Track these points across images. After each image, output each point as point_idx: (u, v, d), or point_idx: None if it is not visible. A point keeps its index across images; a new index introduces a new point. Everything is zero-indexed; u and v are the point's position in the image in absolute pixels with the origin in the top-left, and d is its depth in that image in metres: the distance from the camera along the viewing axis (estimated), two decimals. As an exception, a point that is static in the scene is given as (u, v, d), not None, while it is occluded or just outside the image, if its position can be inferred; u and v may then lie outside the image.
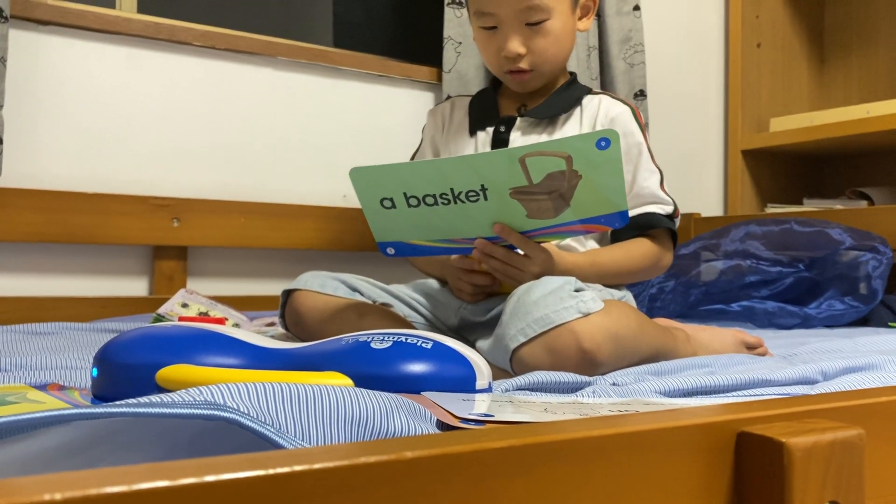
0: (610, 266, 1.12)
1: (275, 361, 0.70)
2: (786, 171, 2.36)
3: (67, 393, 0.70)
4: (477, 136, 1.24)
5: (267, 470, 0.30)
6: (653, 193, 1.16)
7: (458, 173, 0.90)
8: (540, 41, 1.16)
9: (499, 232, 0.96)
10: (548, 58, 1.18)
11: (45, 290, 1.45)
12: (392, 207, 0.94)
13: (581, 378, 0.79)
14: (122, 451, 0.47)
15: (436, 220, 0.95)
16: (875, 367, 0.87)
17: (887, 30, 2.30)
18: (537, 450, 0.37)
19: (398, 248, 1.01)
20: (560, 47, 1.18)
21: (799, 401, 0.49)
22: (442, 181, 0.91)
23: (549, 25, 1.15)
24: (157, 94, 1.57)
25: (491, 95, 1.28)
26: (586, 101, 1.22)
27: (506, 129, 1.21)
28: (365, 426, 0.50)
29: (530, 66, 1.17)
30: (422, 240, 0.99)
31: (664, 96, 2.18)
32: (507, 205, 0.93)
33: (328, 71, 1.74)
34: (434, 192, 0.92)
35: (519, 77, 1.19)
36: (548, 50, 1.17)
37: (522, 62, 1.17)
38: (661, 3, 2.19)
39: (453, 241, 1.00)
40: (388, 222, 0.97)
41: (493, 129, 1.23)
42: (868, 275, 1.54)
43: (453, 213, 0.94)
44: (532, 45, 1.16)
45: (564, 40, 1.19)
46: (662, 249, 1.17)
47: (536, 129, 1.21)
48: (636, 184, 1.16)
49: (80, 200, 1.45)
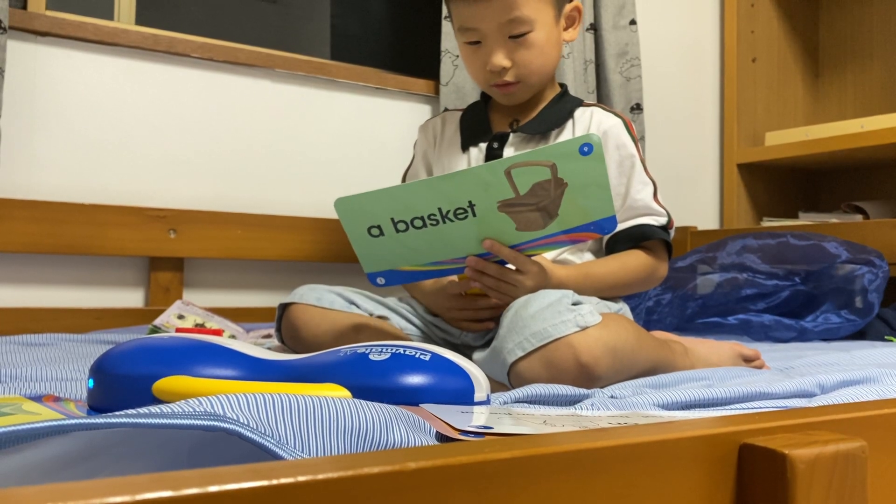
0: (605, 278, 1.12)
1: (272, 373, 0.70)
2: (781, 184, 2.36)
3: (63, 404, 0.70)
4: (469, 151, 1.24)
5: (270, 480, 0.30)
6: (646, 205, 1.16)
7: (445, 192, 0.90)
8: (524, 53, 1.16)
9: (489, 247, 0.95)
10: (533, 69, 1.17)
11: (41, 301, 1.45)
12: (380, 235, 0.94)
13: (579, 391, 0.79)
14: (120, 462, 0.47)
15: (425, 242, 0.95)
16: (872, 380, 0.87)
17: (881, 45, 2.32)
18: (541, 461, 0.37)
19: (388, 276, 1.00)
20: (545, 58, 1.18)
21: (801, 413, 0.49)
22: (429, 202, 0.91)
23: (532, 37, 1.15)
24: (155, 105, 1.57)
25: (482, 109, 1.28)
26: (578, 114, 1.22)
27: (499, 146, 1.21)
28: (364, 438, 0.49)
29: (516, 79, 1.17)
30: (412, 265, 0.98)
31: (660, 110, 2.18)
32: (496, 219, 0.93)
33: (325, 83, 1.74)
34: (422, 213, 0.91)
35: (506, 90, 1.19)
36: (533, 62, 1.17)
37: (508, 75, 1.16)
38: (657, 17, 2.20)
39: (443, 263, 0.99)
40: (377, 251, 0.96)
41: (485, 146, 1.22)
42: (864, 288, 1.54)
43: (443, 234, 0.94)
44: (516, 58, 1.16)
45: (550, 51, 1.18)
46: (657, 261, 1.16)
47: (529, 145, 1.20)
48: (629, 196, 1.16)
49: (77, 211, 1.45)
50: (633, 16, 1.99)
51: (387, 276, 1.00)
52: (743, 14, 2.30)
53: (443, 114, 1.34)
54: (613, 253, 1.16)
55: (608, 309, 1.07)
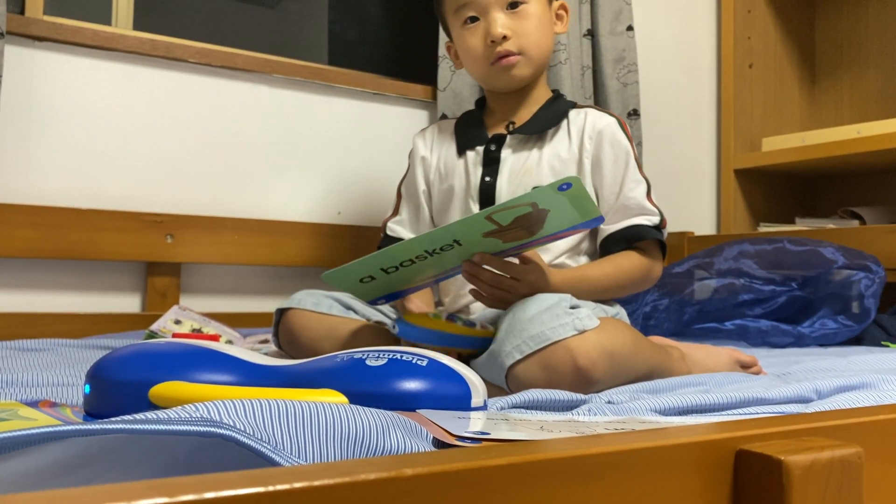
0: (600, 281, 1.12)
1: (269, 378, 0.70)
2: (778, 190, 2.37)
3: (59, 410, 0.70)
4: (466, 155, 1.24)
5: (267, 487, 0.30)
6: (639, 204, 1.16)
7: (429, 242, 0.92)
8: (523, 23, 1.18)
9: (479, 261, 0.97)
10: (532, 41, 1.18)
11: (38, 306, 1.45)
12: (372, 280, 0.96)
13: (576, 396, 0.79)
14: (117, 468, 0.47)
15: (416, 272, 0.97)
16: (869, 385, 0.87)
17: (877, 51, 2.33)
18: (538, 467, 0.37)
19: (388, 297, 1.03)
20: (542, 33, 1.20)
21: (797, 419, 0.49)
22: (414, 251, 0.93)
23: (529, 9, 1.18)
24: (152, 110, 1.57)
25: (477, 115, 1.29)
26: (573, 115, 1.23)
27: (496, 148, 1.21)
28: (360, 444, 0.49)
29: (518, 49, 1.18)
30: (408, 286, 1.01)
31: (657, 116, 2.19)
32: (483, 244, 0.95)
33: (323, 88, 1.74)
34: (409, 258, 0.93)
35: (508, 60, 1.18)
36: (532, 32, 1.18)
37: (510, 44, 1.17)
38: (654, 23, 2.21)
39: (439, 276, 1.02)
40: (372, 289, 0.99)
41: (482, 148, 1.23)
42: (861, 294, 1.54)
43: (432, 263, 0.96)
44: (516, 28, 1.17)
45: (545, 27, 1.20)
46: (652, 261, 1.17)
47: (527, 146, 1.21)
48: (622, 194, 1.16)
49: (74, 216, 1.45)
50: (630, 22, 2.00)
51: (386, 297, 1.03)
52: (739, 20, 2.31)
53: (437, 122, 1.35)
54: (608, 254, 1.16)
55: (605, 313, 1.07)
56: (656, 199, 1.19)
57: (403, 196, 1.33)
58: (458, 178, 1.24)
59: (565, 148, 1.20)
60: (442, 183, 1.27)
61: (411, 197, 1.31)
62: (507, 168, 1.20)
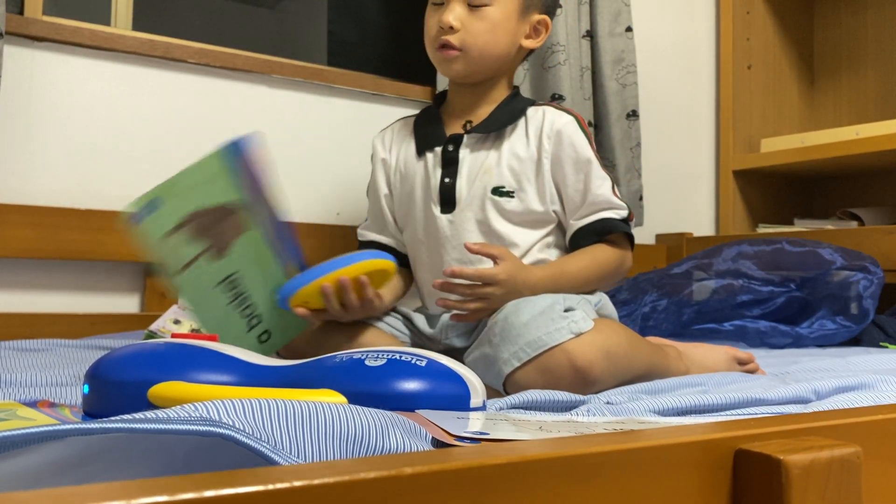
0: (579, 274, 1.12)
1: (268, 378, 0.70)
2: (777, 191, 2.37)
3: (58, 410, 0.70)
4: (426, 156, 1.22)
5: (266, 485, 0.30)
6: (607, 199, 1.16)
7: None
8: (476, 24, 1.16)
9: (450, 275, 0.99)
10: (478, 43, 1.17)
11: (36, 306, 1.44)
12: None
13: (575, 397, 0.79)
14: (116, 467, 0.47)
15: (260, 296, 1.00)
16: (868, 386, 0.88)
17: (875, 52, 2.33)
18: (537, 467, 0.37)
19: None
20: (494, 39, 1.18)
21: (796, 418, 0.49)
22: None
23: (489, 11, 1.16)
24: (152, 111, 1.57)
25: (434, 114, 1.26)
26: (531, 113, 1.20)
27: (454, 148, 1.20)
28: (360, 443, 0.49)
29: (459, 44, 1.16)
30: None
31: (656, 117, 2.19)
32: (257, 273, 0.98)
33: (322, 89, 1.74)
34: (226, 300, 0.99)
35: (446, 52, 1.18)
36: (480, 35, 1.16)
37: (455, 37, 1.16)
38: (653, 24, 2.21)
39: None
40: None
41: (440, 149, 1.21)
42: (859, 294, 1.54)
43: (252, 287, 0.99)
44: (468, 24, 1.16)
45: (500, 36, 1.18)
46: (623, 252, 1.17)
47: (485, 145, 1.19)
48: (590, 192, 1.15)
49: (73, 216, 1.45)
50: (628, 23, 2.00)
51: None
52: (738, 21, 2.31)
53: (397, 121, 1.33)
54: (579, 247, 1.15)
55: (588, 303, 1.07)
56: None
57: (369, 200, 1.32)
58: (419, 179, 1.22)
59: (523, 147, 1.18)
60: (403, 185, 1.25)
61: (374, 202, 1.29)
62: (465, 168, 1.18)
